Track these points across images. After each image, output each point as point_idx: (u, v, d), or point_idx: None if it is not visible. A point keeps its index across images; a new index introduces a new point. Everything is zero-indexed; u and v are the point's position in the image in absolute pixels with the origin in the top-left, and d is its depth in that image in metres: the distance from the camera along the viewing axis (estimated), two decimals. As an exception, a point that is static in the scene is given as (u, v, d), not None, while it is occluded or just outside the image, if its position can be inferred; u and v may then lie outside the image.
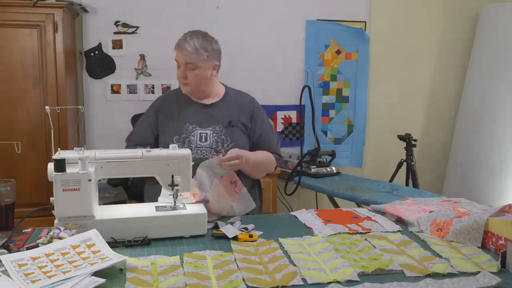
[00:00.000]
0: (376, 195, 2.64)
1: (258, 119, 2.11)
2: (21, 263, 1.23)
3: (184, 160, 1.61)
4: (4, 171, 2.64)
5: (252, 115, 2.09)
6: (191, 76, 1.97)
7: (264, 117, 2.15)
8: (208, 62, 1.98)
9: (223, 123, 2.01)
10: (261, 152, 2.07)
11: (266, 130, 2.12)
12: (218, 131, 1.99)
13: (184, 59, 1.95)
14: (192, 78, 1.98)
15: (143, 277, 1.22)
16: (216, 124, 2.01)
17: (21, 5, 2.67)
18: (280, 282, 1.20)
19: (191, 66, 1.95)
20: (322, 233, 1.58)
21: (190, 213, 1.57)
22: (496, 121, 3.48)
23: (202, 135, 1.97)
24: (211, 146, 1.97)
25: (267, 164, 2.08)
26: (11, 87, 2.70)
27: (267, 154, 2.08)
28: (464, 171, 3.62)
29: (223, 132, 1.99)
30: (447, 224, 1.55)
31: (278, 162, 2.15)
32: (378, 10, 3.62)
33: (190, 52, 1.94)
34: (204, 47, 1.95)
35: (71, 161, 1.45)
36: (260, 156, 2.04)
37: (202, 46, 1.95)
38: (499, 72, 3.48)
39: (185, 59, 1.95)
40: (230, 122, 2.02)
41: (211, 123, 2.01)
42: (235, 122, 2.03)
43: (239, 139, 2.02)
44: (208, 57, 1.96)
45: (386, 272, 1.28)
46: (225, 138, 1.99)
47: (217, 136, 1.98)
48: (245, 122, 2.06)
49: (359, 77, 3.64)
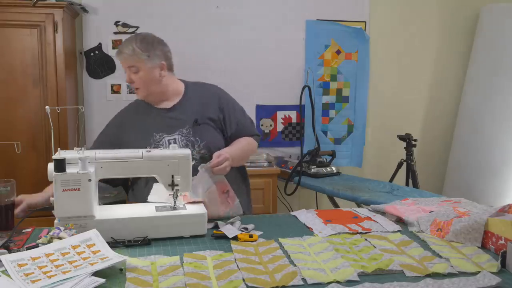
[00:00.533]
0: (376, 195, 2.65)
1: (229, 109, 2.05)
2: (21, 263, 1.23)
3: (184, 160, 1.61)
4: (4, 171, 2.64)
5: (221, 107, 2.03)
6: (136, 79, 1.93)
7: (234, 105, 2.09)
8: (150, 63, 1.92)
9: (189, 124, 1.95)
10: (240, 141, 2.03)
11: (240, 118, 2.07)
12: (185, 133, 1.94)
13: (125, 63, 1.93)
14: (138, 81, 1.94)
15: (143, 277, 1.22)
16: (183, 127, 1.95)
17: (21, 5, 2.67)
18: (280, 282, 1.20)
19: (134, 69, 1.92)
20: (322, 233, 1.58)
21: (190, 213, 1.57)
22: (496, 121, 3.48)
23: (170, 141, 1.92)
24: None
25: (250, 150, 2.07)
26: (11, 87, 2.70)
27: (246, 140, 2.05)
28: (464, 171, 3.62)
29: (190, 133, 1.94)
30: (447, 224, 1.55)
31: (259, 141, 2.13)
32: (378, 10, 3.62)
33: (128, 55, 1.91)
34: (143, 48, 1.91)
35: (71, 161, 1.45)
36: (242, 145, 2.01)
37: (141, 47, 1.91)
38: (499, 72, 3.48)
39: (126, 63, 1.93)
40: (196, 121, 1.95)
41: (177, 126, 1.95)
42: (201, 119, 1.97)
43: (210, 136, 1.96)
44: (149, 57, 1.91)
45: (386, 272, 1.28)
46: (194, 140, 1.93)
47: (185, 139, 1.93)
48: (214, 117, 2.00)
49: (359, 77, 3.64)
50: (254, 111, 3.49)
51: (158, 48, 1.97)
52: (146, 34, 2.01)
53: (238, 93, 3.33)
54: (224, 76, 3.36)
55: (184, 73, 3.11)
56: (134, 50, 1.91)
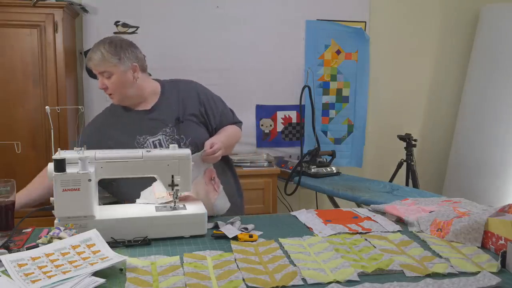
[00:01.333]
0: (376, 195, 2.65)
1: (210, 102, 2.04)
2: (21, 263, 1.23)
3: (184, 160, 1.61)
4: (4, 171, 2.64)
5: (201, 102, 2.02)
6: (109, 84, 1.90)
7: (213, 96, 2.09)
8: (122, 66, 1.89)
9: (171, 123, 1.94)
10: (226, 129, 2.05)
11: (222, 108, 2.08)
12: (169, 132, 1.93)
13: (96, 69, 1.90)
14: (112, 87, 1.90)
15: (143, 277, 1.22)
16: (165, 126, 1.93)
17: (21, 5, 2.67)
18: (280, 282, 1.20)
19: (107, 74, 1.89)
20: (322, 233, 1.58)
21: (190, 213, 1.57)
22: (496, 121, 3.48)
23: (155, 143, 1.91)
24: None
25: (237, 137, 2.10)
26: (11, 87, 2.70)
27: (232, 128, 2.08)
28: (464, 171, 3.62)
29: (174, 132, 1.93)
30: (447, 224, 1.55)
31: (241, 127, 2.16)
32: (378, 10, 3.63)
33: (98, 61, 1.87)
34: (112, 51, 1.88)
35: (71, 161, 1.45)
36: (229, 133, 2.03)
37: (110, 51, 1.87)
38: (499, 72, 3.48)
39: (97, 69, 1.89)
40: (178, 119, 1.94)
41: (159, 127, 1.94)
42: (183, 116, 1.96)
43: (195, 132, 1.96)
44: (120, 61, 1.88)
45: (386, 272, 1.28)
46: (179, 138, 1.92)
47: (170, 139, 1.92)
48: (195, 112, 1.99)
49: (359, 77, 3.64)
50: (254, 111, 3.49)
51: (128, 50, 1.92)
52: (114, 37, 1.97)
53: (238, 93, 3.38)
54: (224, 76, 3.37)
55: (184, 73, 3.12)
56: (103, 55, 1.86)
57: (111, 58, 1.87)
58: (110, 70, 1.88)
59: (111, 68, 1.88)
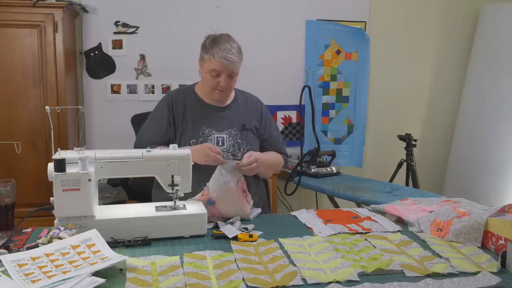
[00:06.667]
0: (376, 195, 2.64)
1: (267, 121, 2.11)
2: (21, 263, 1.23)
3: (184, 160, 1.61)
4: (4, 171, 2.64)
5: (261, 117, 2.09)
6: (232, 83, 1.96)
7: (271, 118, 2.16)
8: (240, 67, 1.95)
9: (237, 126, 2.00)
10: (272, 153, 2.09)
11: (274, 132, 2.13)
12: (233, 134, 1.99)
13: (230, 69, 1.90)
14: (232, 85, 1.97)
15: (143, 277, 1.22)
16: (231, 128, 2.00)
17: (21, 5, 2.67)
18: (280, 282, 1.20)
19: (232, 74, 1.93)
20: (322, 233, 1.58)
21: (190, 213, 1.57)
22: (496, 121, 3.48)
23: (219, 139, 1.96)
24: (228, 150, 1.95)
25: (278, 164, 2.11)
26: (11, 87, 2.70)
27: (277, 154, 2.10)
28: (464, 171, 3.62)
29: (238, 135, 1.99)
30: (447, 224, 1.55)
31: (285, 162, 2.17)
32: (378, 10, 3.63)
33: (236, 63, 1.91)
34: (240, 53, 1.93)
35: (71, 161, 1.45)
36: (273, 157, 2.06)
37: (238, 53, 1.93)
38: (499, 72, 3.48)
39: (231, 69, 1.90)
40: (244, 126, 2.01)
41: (226, 126, 2.00)
42: (248, 125, 2.03)
43: (253, 143, 2.02)
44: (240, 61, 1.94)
45: (386, 272, 1.28)
46: (241, 142, 1.98)
47: (233, 140, 1.98)
48: (256, 125, 2.06)
49: (359, 77, 3.64)
50: (254, 111, 3.49)
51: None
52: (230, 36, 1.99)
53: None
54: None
55: (184, 73, 3.13)
56: (238, 57, 1.91)
57: (240, 60, 1.94)
58: (236, 71, 1.94)
59: (237, 69, 1.93)
